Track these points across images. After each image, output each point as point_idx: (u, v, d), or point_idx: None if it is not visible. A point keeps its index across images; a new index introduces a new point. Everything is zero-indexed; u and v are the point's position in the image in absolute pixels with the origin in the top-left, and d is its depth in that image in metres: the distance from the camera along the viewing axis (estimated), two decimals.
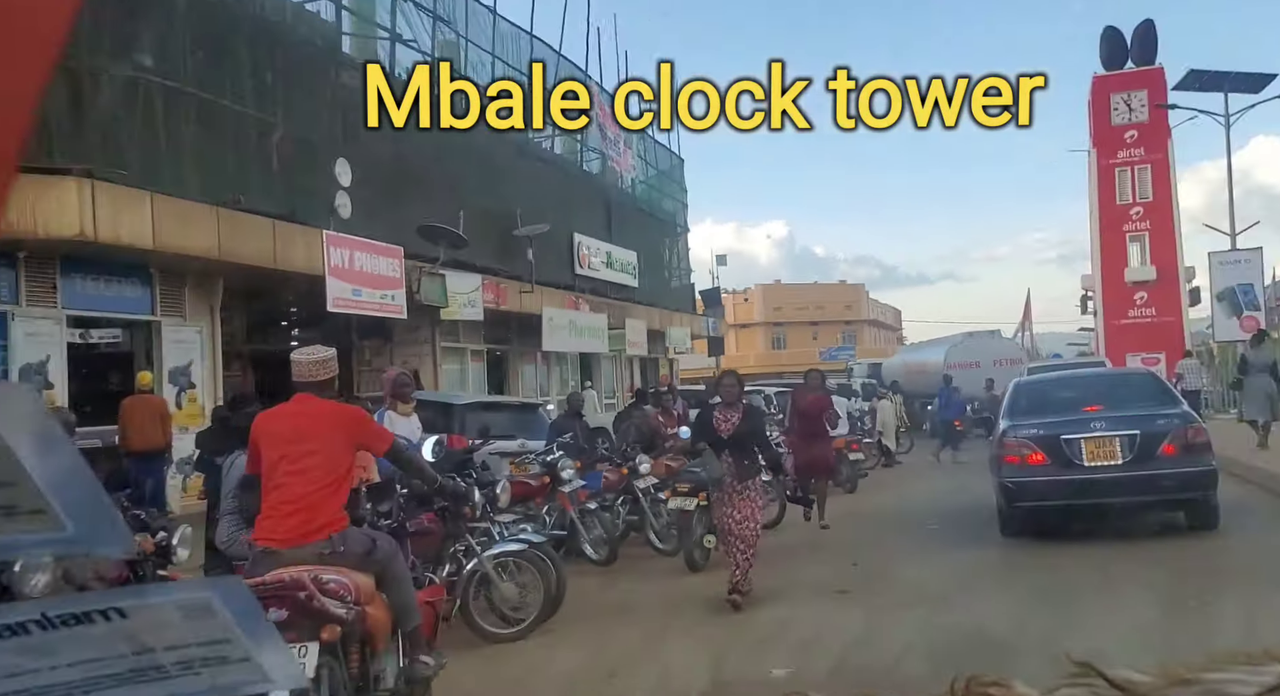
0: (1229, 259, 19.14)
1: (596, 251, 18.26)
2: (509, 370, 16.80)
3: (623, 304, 19.57)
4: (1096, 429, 6.50)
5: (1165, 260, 30.02)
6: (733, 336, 49.36)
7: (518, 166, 15.60)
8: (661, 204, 23.82)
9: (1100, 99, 31.85)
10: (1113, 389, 7.68)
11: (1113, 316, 30.36)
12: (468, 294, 13.25)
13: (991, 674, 0.45)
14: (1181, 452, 6.38)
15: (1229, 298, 18.71)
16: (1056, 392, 7.68)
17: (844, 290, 49.58)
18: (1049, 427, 6.61)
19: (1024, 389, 7.92)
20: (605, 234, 19.19)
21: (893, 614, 4.85)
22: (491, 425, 7.04)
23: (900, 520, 8.56)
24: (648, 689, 3.87)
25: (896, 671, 3.08)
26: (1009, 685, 0.44)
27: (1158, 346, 27.75)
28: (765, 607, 5.21)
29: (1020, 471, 6.55)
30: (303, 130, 9.40)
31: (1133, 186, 31.08)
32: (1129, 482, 6.34)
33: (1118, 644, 3.37)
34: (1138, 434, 6.38)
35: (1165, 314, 29.48)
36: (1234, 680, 0.38)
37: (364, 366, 14.14)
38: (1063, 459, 6.41)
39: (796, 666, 3.59)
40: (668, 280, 24.02)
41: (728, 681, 3.71)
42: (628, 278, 19.93)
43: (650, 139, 22.73)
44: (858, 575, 5.93)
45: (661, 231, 23.35)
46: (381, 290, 10.45)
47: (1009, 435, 6.73)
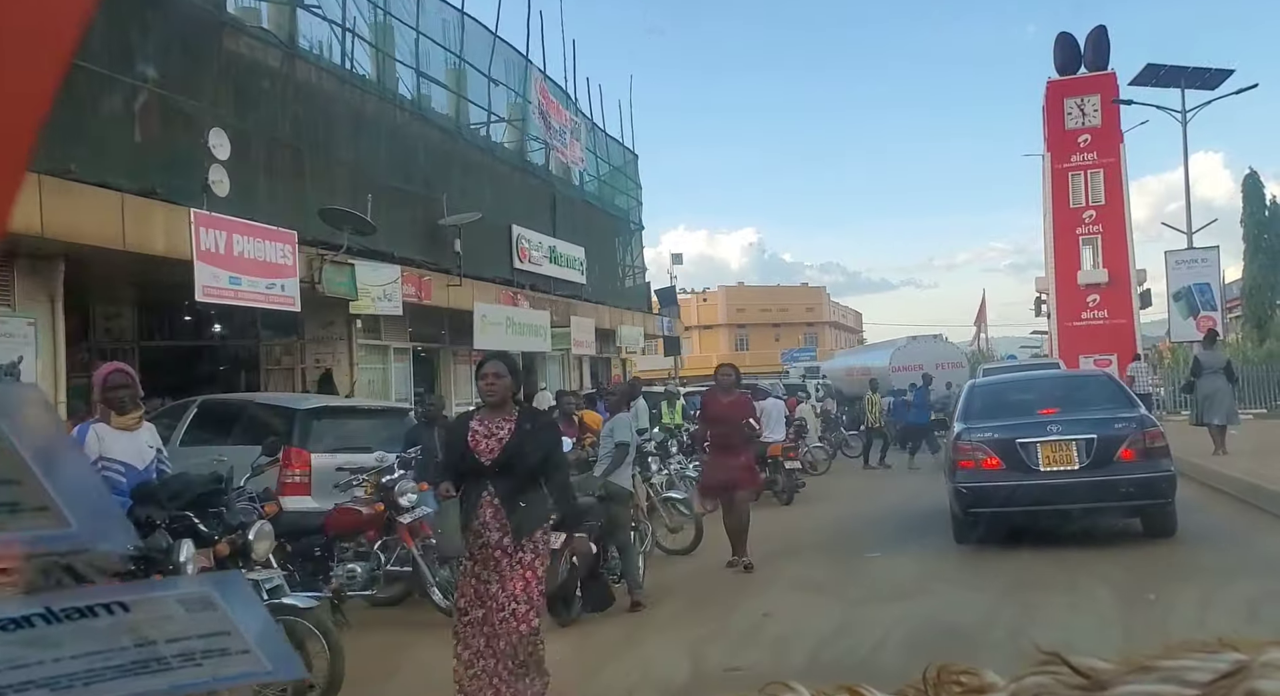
0: (1185, 258, 18.95)
1: (538, 245, 17.39)
2: (440, 370, 15.84)
3: (569, 301, 18.71)
4: (1053, 432, 6.32)
5: (1117, 263, 30.19)
6: (696, 338, 48.87)
7: (447, 151, 14.67)
8: (614, 200, 23.04)
9: (1054, 103, 31.99)
10: (1069, 391, 7.47)
11: (1066, 318, 30.43)
12: (383, 286, 12.27)
13: (961, 663, 0.46)
14: (1140, 457, 6.18)
15: (1186, 297, 18.52)
16: (1012, 395, 7.44)
17: (806, 293, 49.36)
18: (1004, 431, 6.43)
19: (979, 391, 7.63)
20: (549, 228, 18.33)
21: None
22: (349, 434, 6.10)
23: (837, 541, 7.63)
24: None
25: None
26: (979, 673, 0.45)
27: (1110, 348, 27.85)
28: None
29: (974, 476, 6.37)
30: (176, 97, 8.40)
31: (1085, 190, 31.23)
32: (1086, 488, 6.14)
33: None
34: (1095, 437, 6.21)
35: (1117, 316, 29.63)
36: (1191, 667, 0.39)
37: (273, 365, 13.08)
38: (1018, 463, 6.24)
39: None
40: (621, 278, 23.24)
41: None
42: (574, 274, 19.08)
43: (602, 133, 21.96)
44: (764, 635, 4.62)
45: (614, 228, 22.56)
46: (268, 279, 9.45)
47: (963, 438, 6.55)
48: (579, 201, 20.02)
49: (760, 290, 48.99)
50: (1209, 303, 18.33)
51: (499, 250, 16.21)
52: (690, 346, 48.37)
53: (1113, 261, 30.02)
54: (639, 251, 23.97)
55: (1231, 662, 0.39)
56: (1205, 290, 18.36)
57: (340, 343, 13.03)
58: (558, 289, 18.35)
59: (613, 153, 22.46)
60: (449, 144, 14.71)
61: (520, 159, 17.35)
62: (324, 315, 12.52)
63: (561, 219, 18.89)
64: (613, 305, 21.24)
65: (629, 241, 23.60)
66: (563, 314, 18.24)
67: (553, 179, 18.81)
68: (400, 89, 13.78)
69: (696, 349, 47.96)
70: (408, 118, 13.67)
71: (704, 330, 47.75)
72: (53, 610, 0.59)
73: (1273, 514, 6.98)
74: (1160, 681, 0.39)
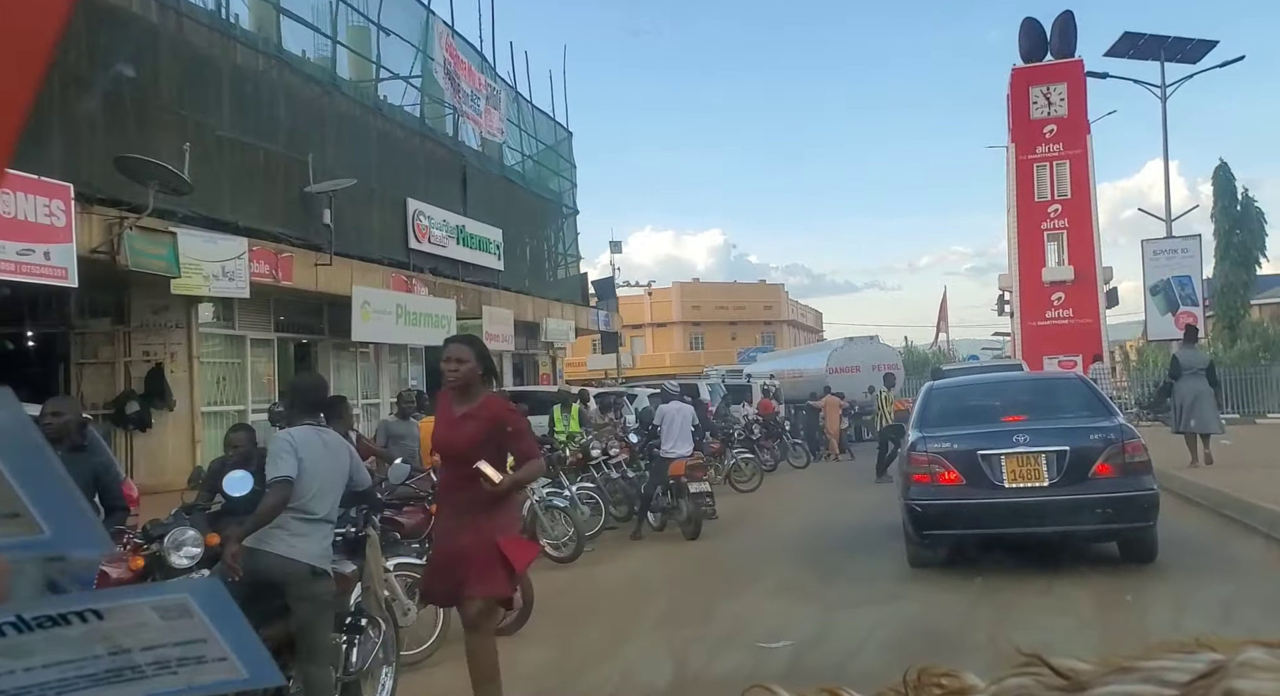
0: (1164, 248, 17.31)
1: (442, 224, 15.19)
2: (318, 366, 13.55)
3: (481, 289, 16.54)
4: (1019, 443, 5.67)
5: (1083, 260, 28.91)
6: (649, 336, 46.88)
7: (318, 106, 12.42)
8: (545, 181, 20.92)
9: (1019, 92, 30.67)
10: (1039, 396, 6.79)
11: (1030, 317, 29.09)
12: (223, 262, 10.00)
13: (942, 665, 0.46)
14: (1118, 473, 5.56)
15: (1164, 291, 16.88)
16: (974, 399, 6.80)
17: (764, 290, 47.68)
18: (964, 441, 5.79)
19: (938, 395, 6.83)
20: (459, 204, 16.14)
21: None
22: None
23: (732, 612, 5.10)
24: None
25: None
26: (959, 676, 0.46)
27: (1075, 348, 26.61)
28: None
29: (930, 492, 5.74)
30: None
31: (1051, 183, 29.94)
32: (1056, 508, 5.51)
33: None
34: (1067, 450, 5.59)
35: (1083, 315, 28.37)
36: (1169, 667, 0.40)
37: (88, 359, 10.71)
38: (980, 478, 5.64)
39: None
40: (551, 267, 21.12)
41: None
42: (489, 258, 16.91)
43: (528, 104, 19.82)
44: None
45: (543, 210, 20.42)
46: (23, 244, 7.19)
47: (918, 449, 5.88)
48: (497, 178, 17.84)
49: (716, 286, 47.14)
50: (1189, 297, 16.76)
51: (390, 227, 13.98)
52: (643, 345, 46.44)
53: (1079, 258, 28.75)
54: (573, 238, 21.86)
55: (1209, 663, 0.39)
56: (1186, 283, 16.77)
57: (177, 331, 10.72)
58: (467, 274, 16.18)
59: (541, 128, 20.33)
60: (321, 98, 12.45)
61: (421, 124, 15.11)
62: (156, 297, 10.21)
63: (474, 196, 16.70)
64: (539, 296, 19.10)
65: (561, 226, 21.49)
66: (473, 303, 16.07)
67: (464, 150, 16.61)
68: (266, 32, 11.51)
69: (649, 348, 46.04)
70: (263, 61, 11.40)
71: (658, 328, 45.77)
72: (24, 618, 0.59)
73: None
74: (1139, 681, 0.40)
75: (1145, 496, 5.49)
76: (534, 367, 20.54)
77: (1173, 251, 17.04)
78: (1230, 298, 23.09)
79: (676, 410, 7.92)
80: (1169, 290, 16.74)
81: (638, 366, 37.14)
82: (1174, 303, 16.69)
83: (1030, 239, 29.71)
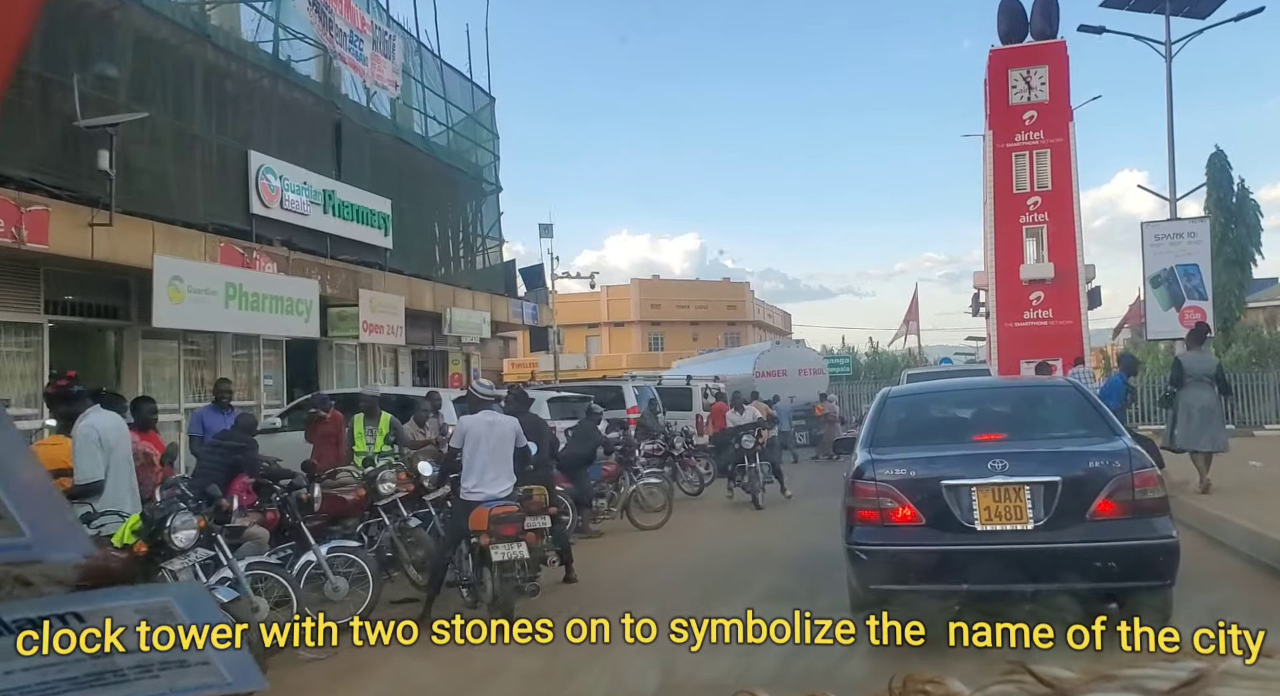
0: (1167, 232, 14.82)
1: (301, 187, 12.35)
2: (123, 358, 10.66)
3: (358, 269, 13.72)
4: (995, 470, 4.28)
5: (1064, 256, 26.81)
6: (605, 335, 44.19)
7: (104, 23, 9.52)
8: (462, 152, 18.15)
9: (997, 75, 28.49)
10: (1022, 408, 5.44)
11: (1006, 318, 26.88)
12: None
13: (927, 671, 0.46)
14: (1125, 513, 4.16)
15: (1167, 283, 14.41)
16: (941, 410, 5.49)
17: (727, 288, 45.20)
18: (925, 466, 4.42)
19: (896, 405, 5.36)
20: (329, 167, 13.31)
21: None
22: None
23: None
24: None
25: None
26: (944, 682, 0.46)
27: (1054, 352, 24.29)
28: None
29: (878, 534, 4.37)
30: None
31: (1030, 173, 27.80)
32: (1042, 559, 4.15)
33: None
34: (1058, 481, 4.22)
35: (1063, 316, 26.25)
36: (1152, 675, 0.40)
37: None
38: (944, 517, 4.27)
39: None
40: (464, 250, 18.32)
41: None
42: (372, 234, 14.09)
43: (436, 59, 17.03)
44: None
45: (456, 184, 17.61)
46: None
47: (866, 476, 4.44)
48: (388, 139, 15.00)
49: (677, 284, 44.51)
50: (1198, 289, 14.36)
51: (222, 185, 11.12)
52: (599, 345, 43.73)
53: (1059, 254, 26.65)
54: (495, 218, 19.08)
55: (1191, 671, 0.39)
56: (1193, 273, 14.36)
57: None
58: (339, 251, 13.35)
59: (454, 88, 17.55)
60: (113, 11, 9.55)
61: (275, 61, 12.24)
62: None
63: (353, 157, 13.87)
64: (444, 282, 16.29)
65: (480, 204, 18.70)
66: (346, 286, 13.25)
67: (340, 102, 13.77)
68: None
69: (605, 348, 43.39)
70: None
71: (614, 327, 43.08)
72: (3, 621, 0.58)
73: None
74: (1122, 690, 0.40)
75: (1161, 545, 4.17)
76: (443, 365, 17.71)
77: (1177, 236, 14.63)
78: (1225, 297, 20.99)
79: (487, 426, 5.14)
80: (1172, 281, 14.34)
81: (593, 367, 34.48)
82: (1179, 296, 14.32)
83: (1008, 234, 27.50)
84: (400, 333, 14.40)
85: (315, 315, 12.29)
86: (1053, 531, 4.18)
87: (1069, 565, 4.12)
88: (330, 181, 13.09)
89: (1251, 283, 24.05)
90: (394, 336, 14.31)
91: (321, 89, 13.31)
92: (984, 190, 28.55)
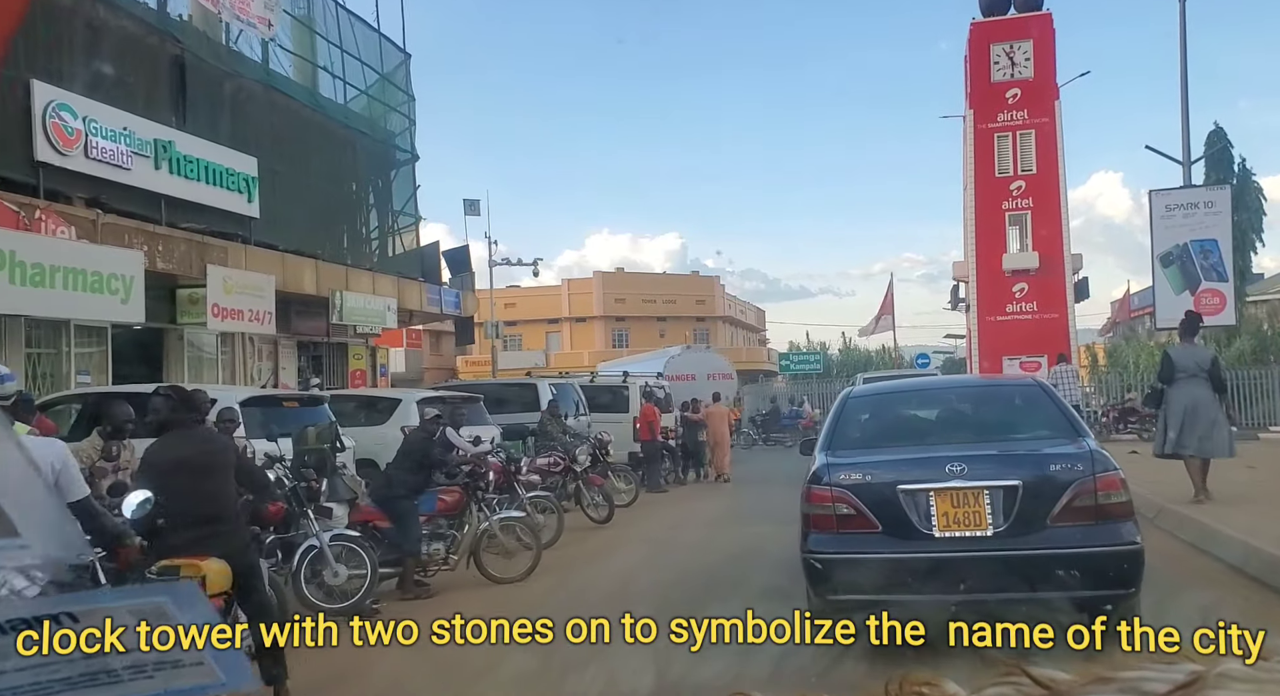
0: (1180, 201, 12.48)
1: (120, 133, 9.87)
2: None
3: (207, 241, 11.24)
4: (954, 474, 4.19)
5: (1049, 245, 24.82)
6: (566, 331, 41.80)
7: None
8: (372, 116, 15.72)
9: (978, 51, 26.47)
10: (984, 408, 5.23)
11: (988, 311, 24.85)
12: None
13: (924, 673, 0.46)
14: (1086, 518, 4.10)
15: (1179, 261, 12.13)
16: (903, 411, 5.34)
17: (695, 282, 42.96)
18: (882, 470, 4.38)
19: (856, 406, 5.15)
20: (167, 112, 10.83)
21: None
22: None
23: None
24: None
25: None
26: (940, 684, 0.46)
27: (1039, 347, 22.48)
28: None
29: (834, 542, 4.29)
30: None
31: (1014, 156, 25.80)
32: (1002, 567, 4.04)
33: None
34: (1018, 485, 4.12)
35: (1049, 309, 24.26)
36: (1148, 677, 0.41)
37: None
38: (901, 523, 4.19)
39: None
40: (367, 226, 15.88)
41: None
42: (230, 198, 11.63)
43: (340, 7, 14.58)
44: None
45: (355, 150, 15.14)
46: None
47: (822, 480, 4.36)
48: (257, 87, 12.52)
49: (643, 277, 42.17)
50: (1216, 269, 12.14)
51: None
52: (560, 341, 41.35)
53: (1044, 243, 24.66)
54: (410, 192, 16.63)
55: (1188, 673, 0.39)
56: (1211, 250, 12.13)
57: None
58: (180, 216, 10.88)
59: (362, 41, 15.09)
60: None
61: None
62: None
63: (202, 104, 11.40)
64: (335, 261, 13.84)
65: (391, 175, 16.25)
66: (190, 260, 10.78)
67: (183, 33, 11.25)
68: None
69: (567, 345, 41.04)
70: None
71: (576, 323, 40.71)
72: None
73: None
74: (1119, 692, 0.40)
75: (1125, 553, 4.02)
76: (341, 360, 15.24)
77: (1192, 206, 12.38)
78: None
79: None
80: (1186, 260, 12.12)
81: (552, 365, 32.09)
82: (1193, 277, 12.12)
83: (989, 221, 25.45)
84: (269, 320, 11.93)
85: (139, 295, 9.81)
86: (1013, 538, 4.10)
87: (1030, 573, 4.05)
88: (166, 130, 10.62)
89: (1251, 274, 22.20)
90: (261, 324, 11.84)
91: (155, 16, 10.81)
92: (964, 174, 26.51)
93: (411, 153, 16.80)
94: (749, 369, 39.69)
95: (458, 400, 9.19)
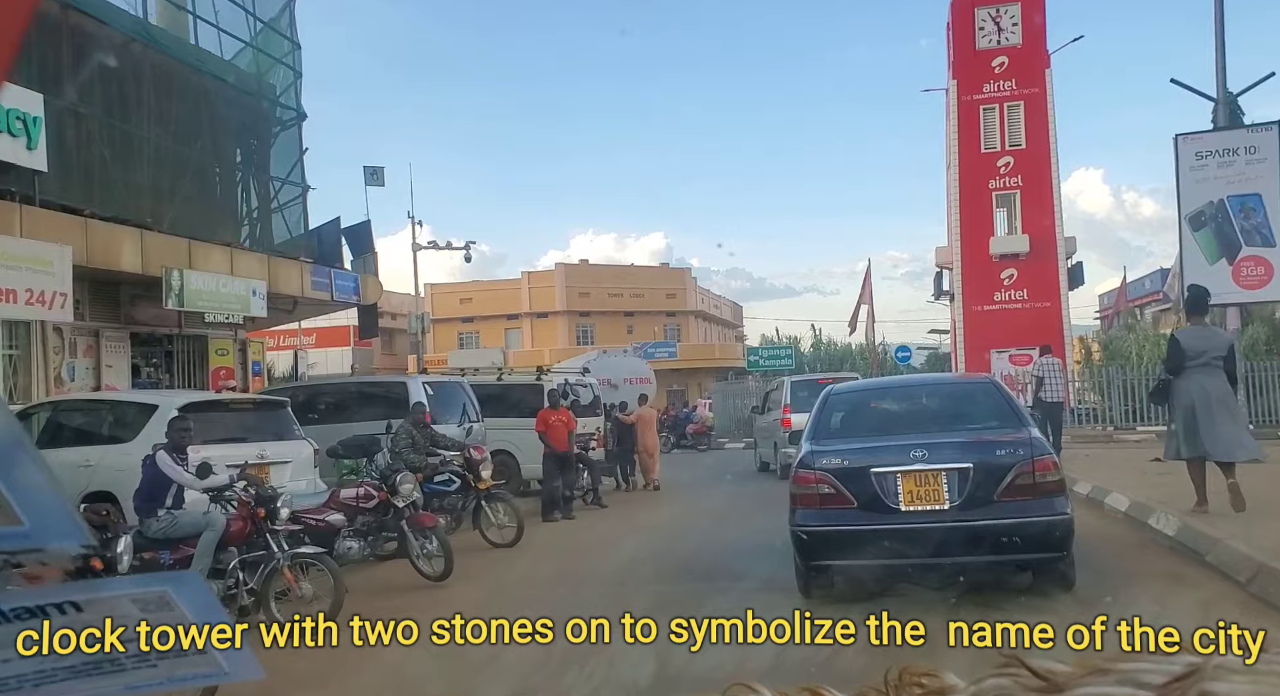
0: (1212, 146, 9.56)
1: None
2: None
3: None
4: (917, 459, 5.10)
5: (1040, 227, 22.53)
6: (527, 327, 39.26)
7: None
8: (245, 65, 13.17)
9: (962, 16, 24.14)
10: (946, 403, 6.18)
11: (974, 300, 22.51)
12: None
13: (924, 664, 0.47)
14: (1026, 494, 4.99)
15: (1213, 221, 9.42)
16: (875, 406, 6.28)
17: (665, 275, 40.55)
18: (857, 456, 5.25)
19: (836, 402, 6.04)
20: None
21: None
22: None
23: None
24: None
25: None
26: (940, 675, 0.46)
27: (1030, 339, 20.02)
28: None
29: (817, 517, 5.16)
30: None
31: (1001, 130, 23.49)
32: (957, 536, 4.92)
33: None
34: (970, 467, 5.02)
35: (1040, 297, 21.97)
36: (1146, 669, 0.41)
37: None
38: (873, 500, 5.09)
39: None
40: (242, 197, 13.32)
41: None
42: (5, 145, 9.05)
43: None
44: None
45: (213, 99, 12.58)
46: None
47: (807, 465, 5.30)
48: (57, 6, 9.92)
49: (610, 270, 39.65)
50: (1260, 231, 9.51)
51: None
52: (520, 338, 38.82)
53: (1035, 225, 22.37)
54: (295, 157, 14.07)
55: (1185, 665, 0.40)
56: (1255, 207, 9.40)
57: None
58: None
59: None
60: None
61: None
62: None
63: None
64: (172, 233, 11.27)
65: (270, 137, 13.70)
66: None
67: None
68: None
69: (527, 342, 38.50)
70: None
71: (538, 318, 38.18)
72: (2, 610, 0.58)
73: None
74: (1116, 683, 0.40)
75: (1058, 522, 4.93)
76: (200, 356, 12.67)
77: (1231, 152, 9.52)
78: None
79: None
80: (1223, 220, 9.42)
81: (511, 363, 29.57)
82: (1232, 241, 9.49)
83: (974, 201, 23.15)
84: (66, 302, 9.37)
85: None
86: (966, 511, 4.95)
87: (978, 541, 4.89)
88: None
89: None
90: (50, 309, 9.27)
91: None
92: (946, 151, 24.22)
93: (298, 111, 14.25)
94: (721, 366, 37.35)
95: (252, 405, 6.70)
